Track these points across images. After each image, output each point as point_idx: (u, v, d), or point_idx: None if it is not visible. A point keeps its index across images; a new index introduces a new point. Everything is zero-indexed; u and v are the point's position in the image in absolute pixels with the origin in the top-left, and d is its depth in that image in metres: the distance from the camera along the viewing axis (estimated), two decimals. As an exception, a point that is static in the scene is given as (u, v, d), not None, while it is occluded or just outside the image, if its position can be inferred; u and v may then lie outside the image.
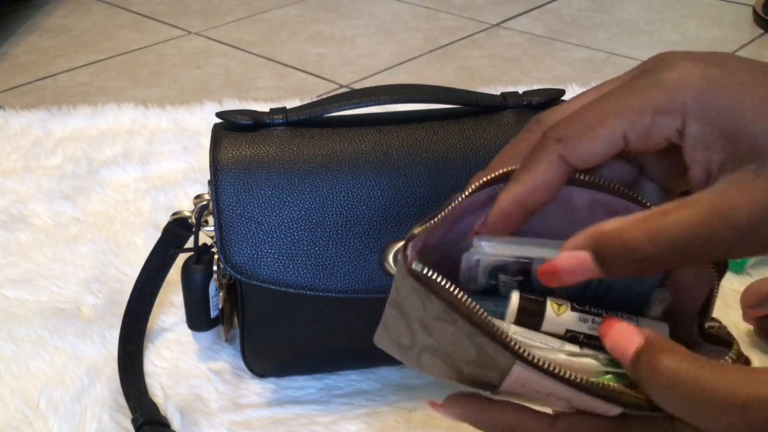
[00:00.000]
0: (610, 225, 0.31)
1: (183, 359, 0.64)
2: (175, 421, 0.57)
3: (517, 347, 0.33)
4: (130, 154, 0.95)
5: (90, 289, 0.72)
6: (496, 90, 0.66)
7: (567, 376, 0.33)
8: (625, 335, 0.32)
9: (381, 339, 0.39)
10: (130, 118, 1.04)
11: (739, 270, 0.71)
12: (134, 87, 1.20)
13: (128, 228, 0.81)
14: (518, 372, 0.34)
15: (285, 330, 0.58)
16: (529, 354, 0.33)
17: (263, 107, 0.93)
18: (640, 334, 0.32)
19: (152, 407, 0.58)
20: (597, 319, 0.36)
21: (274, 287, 0.54)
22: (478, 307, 0.34)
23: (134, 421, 0.57)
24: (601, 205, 0.36)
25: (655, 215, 0.30)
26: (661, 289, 0.37)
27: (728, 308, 0.67)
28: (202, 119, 1.03)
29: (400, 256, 0.35)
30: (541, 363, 0.33)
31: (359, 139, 0.56)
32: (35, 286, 0.73)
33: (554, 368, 0.33)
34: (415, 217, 0.55)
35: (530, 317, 0.36)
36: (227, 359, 0.64)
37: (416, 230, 0.36)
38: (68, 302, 0.71)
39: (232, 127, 0.57)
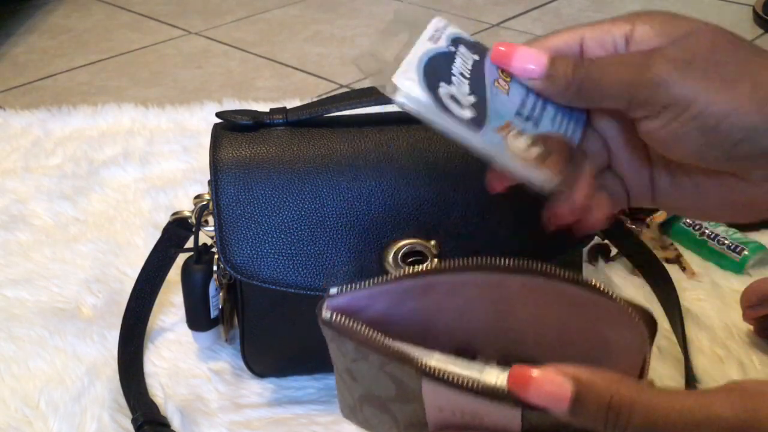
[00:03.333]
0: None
1: (183, 359, 0.64)
2: (175, 421, 0.57)
3: (417, 363, 0.34)
4: (130, 154, 0.95)
5: (90, 289, 0.72)
6: (496, 90, 0.66)
7: (459, 381, 0.33)
8: (552, 383, 0.31)
9: (342, 409, 0.42)
10: (130, 118, 1.04)
11: (739, 270, 0.71)
12: (134, 87, 1.20)
13: (128, 228, 0.81)
14: (429, 392, 0.35)
15: (285, 330, 0.58)
16: (426, 366, 0.34)
17: (263, 107, 0.93)
18: (565, 378, 0.31)
19: (152, 407, 0.58)
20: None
21: (274, 287, 0.54)
22: (381, 336, 0.35)
23: (134, 421, 0.57)
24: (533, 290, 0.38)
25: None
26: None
27: (728, 308, 0.67)
28: (202, 119, 1.03)
29: (317, 311, 0.38)
30: (437, 373, 0.34)
31: (359, 139, 0.56)
32: (35, 286, 0.73)
33: (448, 376, 0.33)
34: (415, 217, 0.55)
35: None
36: (227, 359, 0.64)
37: (333, 290, 0.38)
38: (68, 302, 0.71)
39: (232, 127, 0.57)
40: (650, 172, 0.41)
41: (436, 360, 0.37)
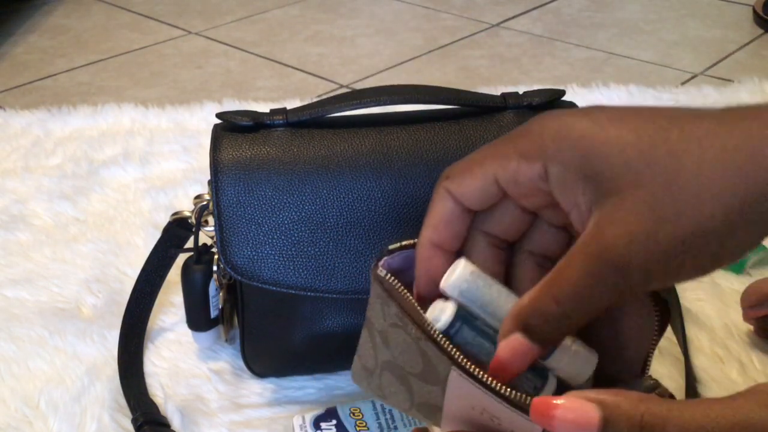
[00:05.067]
0: (524, 300, 0.33)
1: (183, 359, 0.64)
2: (175, 421, 0.57)
3: (454, 353, 0.34)
4: (130, 154, 0.95)
5: (90, 289, 0.72)
6: (496, 90, 0.66)
7: (489, 382, 0.33)
8: (577, 411, 0.29)
9: (354, 369, 0.42)
10: (130, 118, 1.04)
11: (739, 270, 0.71)
12: (134, 87, 1.20)
13: (128, 228, 0.81)
14: (455, 381, 0.35)
15: (285, 330, 0.58)
16: (463, 360, 0.34)
17: (263, 107, 0.93)
18: (590, 403, 0.29)
19: (152, 407, 0.58)
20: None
21: (274, 288, 0.54)
22: (426, 316, 0.36)
23: (134, 421, 0.57)
24: None
25: (554, 276, 0.32)
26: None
27: (728, 308, 0.67)
28: (202, 119, 1.03)
29: (372, 265, 0.38)
30: (471, 368, 0.34)
31: (359, 140, 0.56)
32: (35, 286, 0.73)
33: (481, 374, 0.34)
34: (415, 217, 0.55)
35: None
36: (227, 359, 0.64)
37: (391, 246, 0.39)
38: (68, 302, 0.71)
39: (232, 128, 0.57)
40: None
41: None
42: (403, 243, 0.39)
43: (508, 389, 0.33)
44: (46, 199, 0.86)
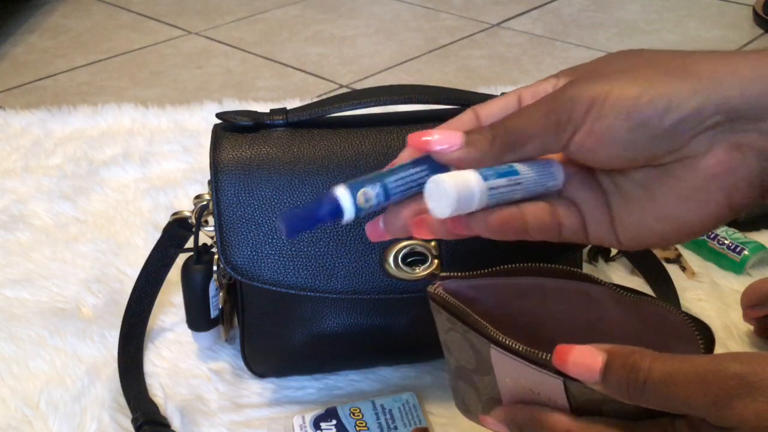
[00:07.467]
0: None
1: (183, 359, 0.64)
2: (175, 421, 0.57)
3: (489, 331, 0.38)
4: (130, 154, 0.95)
5: (90, 289, 0.72)
6: (496, 90, 0.66)
7: (513, 346, 0.37)
8: (587, 355, 0.35)
9: (455, 401, 0.46)
10: (130, 118, 1.04)
11: (739, 270, 0.71)
12: (134, 87, 1.20)
13: (128, 228, 0.81)
14: (496, 360, 0.38)
15: (285, 330, 0.58)
16: (494, 333, 0.38)
17: (263, 107, 0.93)
18: (599, 350, 0.35)
19: (152, 407, 0.58)
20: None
21: (274, 288, 0.54)
22: (469, 311, 0.40)
23: (134, 421, 0.57)
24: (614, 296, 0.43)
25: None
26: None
27: (728, 308, 0.67)
28: (202, 119, 1.04)
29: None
30: (501, 338, 0.38)
31: (359, 140, 0.56)
32: (35, 286, 0.73)
33: (507, 341, 0.37)
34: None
35: None
36: (227, 359, 0.64)
37: (442, 273, 0.43)
38: (68, 302, 0.71)
39: (232, 128, 0.57)
40: (602, 195, 0.40)
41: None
42: (453, 273, 0.43)
43: (524, 348, 0.37)
44: (46, 199, 0.86)
